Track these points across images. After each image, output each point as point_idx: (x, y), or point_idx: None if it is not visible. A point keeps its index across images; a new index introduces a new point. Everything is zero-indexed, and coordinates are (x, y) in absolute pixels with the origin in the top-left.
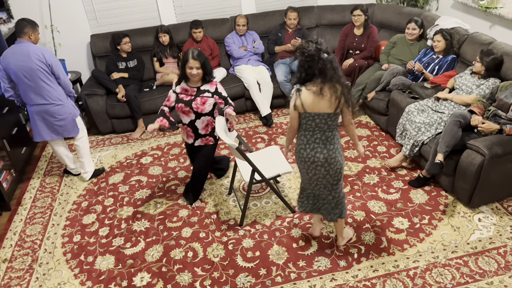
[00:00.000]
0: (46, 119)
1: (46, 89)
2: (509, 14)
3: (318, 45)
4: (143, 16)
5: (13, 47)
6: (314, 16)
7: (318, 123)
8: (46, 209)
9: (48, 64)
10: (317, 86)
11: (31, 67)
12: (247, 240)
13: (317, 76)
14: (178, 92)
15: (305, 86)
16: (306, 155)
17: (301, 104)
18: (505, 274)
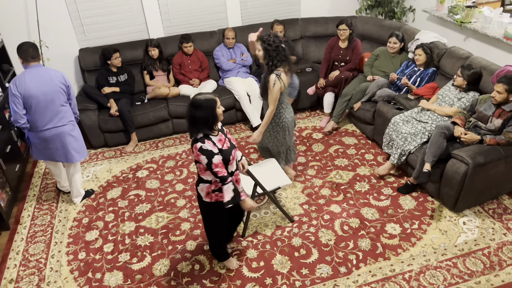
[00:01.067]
0: (54, 144)
1: (64, 111)
2: (482, 28)
3: (277, 37)
4: (131, 29)
5: (31, 72)
6: (299, 28)
7: (287, 91)
8: (47, 227)
9: (67, 85)
10: (286, 67)
11: (54, 90)
12: (250, 250)
13: (284, 60)
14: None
15: (278, 70)
16: (291, 119)
17: (284, 84)
18: (490, 273)
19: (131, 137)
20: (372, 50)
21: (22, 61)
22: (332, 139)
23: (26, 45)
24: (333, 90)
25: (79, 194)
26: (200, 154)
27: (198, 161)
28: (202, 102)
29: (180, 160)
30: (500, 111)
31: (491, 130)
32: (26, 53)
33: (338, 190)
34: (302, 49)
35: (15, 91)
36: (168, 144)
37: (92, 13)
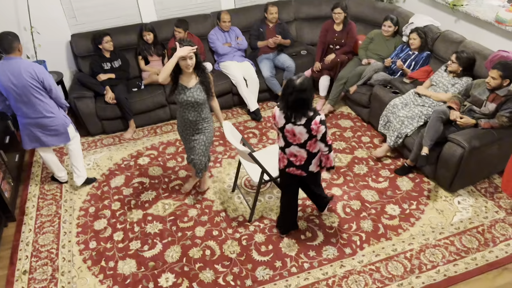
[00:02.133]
0: (37, 130)
1: (38, 104)
2: (474, 12)
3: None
4: (123, 13)
5: (4, 64)
6: (292, 10)
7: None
8: (54, 217)
9: (40, 80)
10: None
11: (23, 85)
12: (258, 235)
13: None
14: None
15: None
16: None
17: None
18: (485, 250)
19: (129, 124)
20: (366, 32)
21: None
22: (328, 122)
23: (2, 36)
24: (328, 73)
25: (81, 175)
26: (321, 125)
27: (315, 135)
28: (306, 85)
29: (180, 146)
30: (494, 96)
31: (485, 114)
32: (1, 45)
33: (338, 173)
34: (295, 31)
35: None
36: (167, 130)
37: None
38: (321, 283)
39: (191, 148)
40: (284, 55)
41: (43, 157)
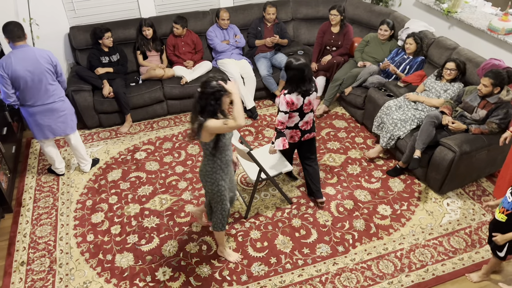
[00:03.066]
0: (49, 117)
1: (52, 89)
2: (468, 19)
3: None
4: (122, 7)
5: (16, 53)
6: (290, 10)
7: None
8: (51, 209)
9: (54, 64)
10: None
11: (40, 70)
12: (254, 231)
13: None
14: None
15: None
16: None
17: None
18: (472, 251)
19: (125, 118)
20: (362, 34)
21: (8, 41)
22: (323, 122)
23: (11, 25)
24: (324, 74)
25: (88, 161)
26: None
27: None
28: (307, 60)
29: (177, 142)
30: (485, 103)
31: (476, 120)
32: (11, 32)
33: (332, 173)
34: (293, 31)
35: (2, 72)
36: (163, 125)
37: None
38: (315, 280)
39: (233, 186)
40: (281, 55)
41: (44, 149)
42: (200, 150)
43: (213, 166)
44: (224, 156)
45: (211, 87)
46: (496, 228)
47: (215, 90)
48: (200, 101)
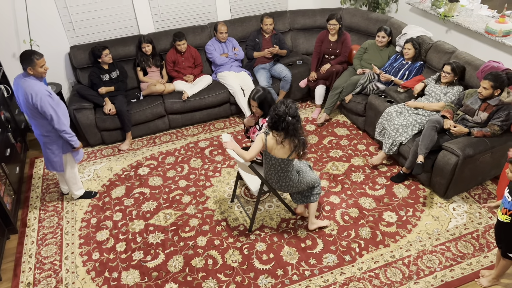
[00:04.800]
0: (41, 145)
1: (36, 123)
2: (465, 22)
3: (287, 109)
4: (121, 25)
5: (16, 79)
6: (287, 21)
7: (274, 164)
8: (56, 229)
9: (35, 106)
10: (280, 137)
11: (25, 104)
12: (259, 243)
13: (280, 130)
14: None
15: (272, 132)
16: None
17: (265, 144)
18: (480, 255)
19: (126, 135)
20: (360, 42)
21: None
22: (325, 130)
23: (21, 53)
24: (324, 82)
25: (75, 195)
26: None
27: None
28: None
29: (179, 156)
30: (486, 105)
31: (478, 122)
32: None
33: (336, 181)
34: (291, 41)
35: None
36: (165, 140)
37: (82, 9)
38: None
39: None
40: (280, 65)
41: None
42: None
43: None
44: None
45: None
46: (502, 230)
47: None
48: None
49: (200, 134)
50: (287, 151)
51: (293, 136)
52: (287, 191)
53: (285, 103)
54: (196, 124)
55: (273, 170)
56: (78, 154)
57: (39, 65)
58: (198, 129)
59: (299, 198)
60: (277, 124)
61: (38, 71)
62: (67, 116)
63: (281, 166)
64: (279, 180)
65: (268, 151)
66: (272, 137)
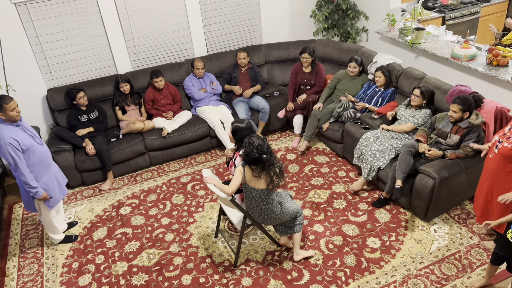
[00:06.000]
0: None
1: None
2: (431, 49)
3: (258, 149)
4: (99, 65)
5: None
6: (263, 54)
7: (254, 196)
8: (36, 276)
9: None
10: (256, 170)
11: None
12: (245, 278)
13: (257, 166)
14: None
15: (248, 166)
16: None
17: (244, 176)
18: (464, 276)
19: (107, 175)
20: (333, 71)
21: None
22: (305, 158)
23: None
24: (302, 112)
25: (56, 233)
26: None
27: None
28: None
29: (161, 192)
30: (457, 128)
31: (451, 145)
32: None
33: (319, 210)
34: (267, 73)
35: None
36: (147, 177)
37: (58, 52)
38: None
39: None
40: (258, 97)
41: None
42: (187, 198)
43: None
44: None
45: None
46: (509, 248)
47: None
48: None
49: (182, 169)
50: (266, 182)
51: (269, 168)
52: (270, 224)
53: (253, 143)
54: (177, 159)
55: (255, 203)
56: (50, 202)
57: (9, 109)
58: (180, 164)
59: (283, 230)
60: (254, 162)
61: (10, 115)
62: (44, 164)
63: (261, 197)
64: (261, 213)
65: (247, 183)
66: (248, 169)
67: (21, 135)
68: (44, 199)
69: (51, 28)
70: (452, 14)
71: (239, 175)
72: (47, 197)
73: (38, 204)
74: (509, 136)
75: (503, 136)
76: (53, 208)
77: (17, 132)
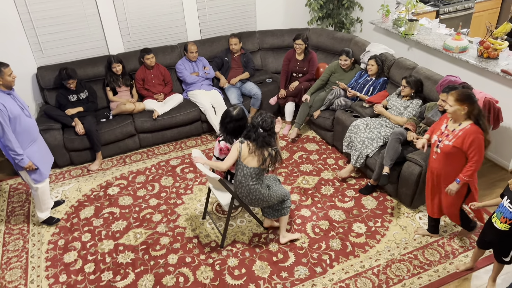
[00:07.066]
0: None
1: None
2: (424, 40)
3: (261, 121)
4: (91, 45)
5: None
6: (256, 41)
7: (246, 173)
8: (21, 252)
9: None
10: (252, 146)
11: None
12: (231, 259)
13: (252, 141)
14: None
15: (246, 141)
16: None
17: (239, 152)
18: (446, 262)
19: (96, 155)
20: (326, 60)
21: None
22: (295, 146)
23: None
24: (293, 99)
25: (41, 211)
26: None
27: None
28: (242, 115)
29: (150, 174)
30: None
31: None
32: None
33: (306, 195)
34: (261, 60)
35: None
36: (136, 159)
37: (49, 30)
38: None
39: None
40: (250, 83)
41: None
42: (176, 181)
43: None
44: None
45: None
46: (499, 237)
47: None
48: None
49: (172, 152)
50: (260, 161)
51: (263, 148)
52: (257, 206)
53: (262, 115)
54: (167, 143)
55: (244, 182)
56: (35, 174)
57: (7, 73)
58: (170, 148)
59: (270, 212)
60: (249, 134)
61: (7, 80)
62: (29, 136)
63: (251, 176)
64: (249, 193)
65: (241, 160)
66: (246, 145)
67: (11, 103)
68: (29, 168)
69: (43, 5)
70: (446, 8)
71: (235, 151)
72: (33, 166)
73: (26, 178)
74: (447, 134)
75: (441, 135)
76: (39, 182)
77: (7, 99)
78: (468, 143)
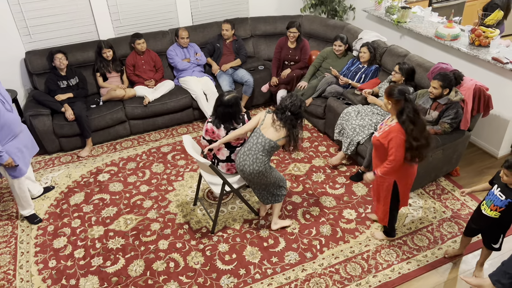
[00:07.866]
0: None
1: None
2: (416, 28)
3: (290, 104)
4: (80, 30)
5: None
6: (249, 27)
7: (260, 142)
8: (10, 238)
9: None
10: (278, 122)
11: None
12: (222, 244)
13: (280, 119)
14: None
15: (273, 114)
16: (236, 163)
17: (262, 120)
18: (435, 247)
19: (86, 142)
20: (319, 48)
21: None
22: None
23: None
24: (285, 87)
25: (23, 208)
26: None
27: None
28: (233, 101)
29: (141, 161)
30: (436, 104)
31: (430, 121)
32: None
33: (298, 182)
34: (253, 47)
35: None
36: (126, 145)
37: (38, 13)
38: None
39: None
40: (242, 70)
41: None
42: (167, 167)
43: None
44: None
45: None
46: (488, 224)
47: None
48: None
49: (163, 139)
50: (278, 136)
51: (288, 129)
52: (254, 181)
53: (292, 98)
54: (158, 130)
55: (255, 149)
56: (15, 172)
57: None
58: (161, 135)
59: (267, 197)
60: (279, 113)
61: None
62: (9, 131)
63: (264, 147)
64: (254, 161)
65: (261, 128)
66: (271, 116)
67: None
68: (8, 165)
69: None
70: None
71: (257, 118)
72: (12, 163)
73: (4, 172)
74: (381, 126)
75: (381, 126)
76: (17, 178)
77: None
78: (387, 141)
